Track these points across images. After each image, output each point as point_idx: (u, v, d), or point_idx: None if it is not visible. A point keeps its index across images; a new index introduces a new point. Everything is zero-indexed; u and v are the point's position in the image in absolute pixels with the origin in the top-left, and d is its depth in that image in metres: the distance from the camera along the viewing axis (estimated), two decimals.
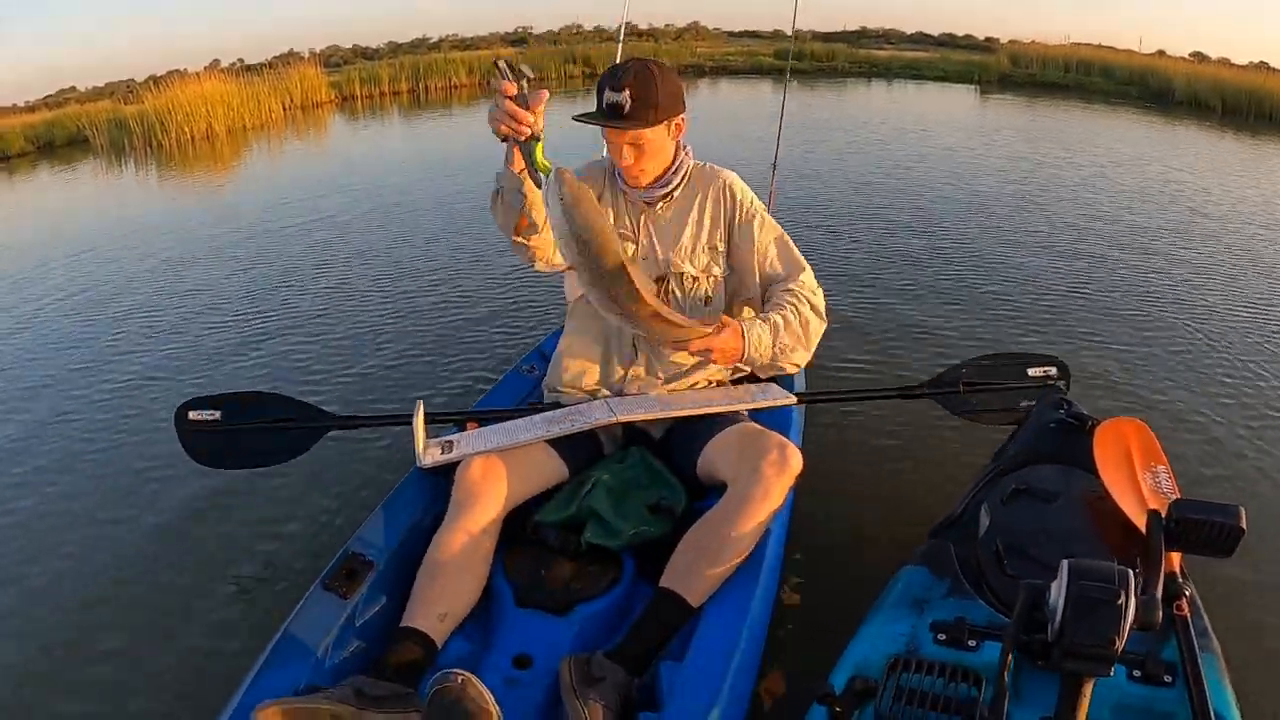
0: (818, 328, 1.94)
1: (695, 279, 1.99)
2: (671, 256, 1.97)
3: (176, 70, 14.43)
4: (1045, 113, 12.71)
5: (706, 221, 1.99)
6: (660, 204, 1.97)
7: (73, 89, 20.33)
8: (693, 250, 1.98)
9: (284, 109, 14.47)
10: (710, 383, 2.07)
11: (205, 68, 15.53)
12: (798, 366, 1.98)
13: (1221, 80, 13.58)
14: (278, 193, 7.82)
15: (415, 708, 1.35)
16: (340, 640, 1.53)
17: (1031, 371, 2.31)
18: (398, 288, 4.69)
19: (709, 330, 1.79)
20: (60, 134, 13.37)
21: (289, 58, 19.21)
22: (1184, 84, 13.93)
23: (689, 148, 1.98)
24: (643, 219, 1.99)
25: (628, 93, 1.77)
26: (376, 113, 15.12)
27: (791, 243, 2.00)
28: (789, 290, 1.93)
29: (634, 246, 1.98)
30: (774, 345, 1.86)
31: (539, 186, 1.64)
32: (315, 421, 2.26)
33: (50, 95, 19.62)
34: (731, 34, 25.05)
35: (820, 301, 1.95)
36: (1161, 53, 18.49)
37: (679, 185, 1.96)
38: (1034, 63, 17.30)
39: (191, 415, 2.24)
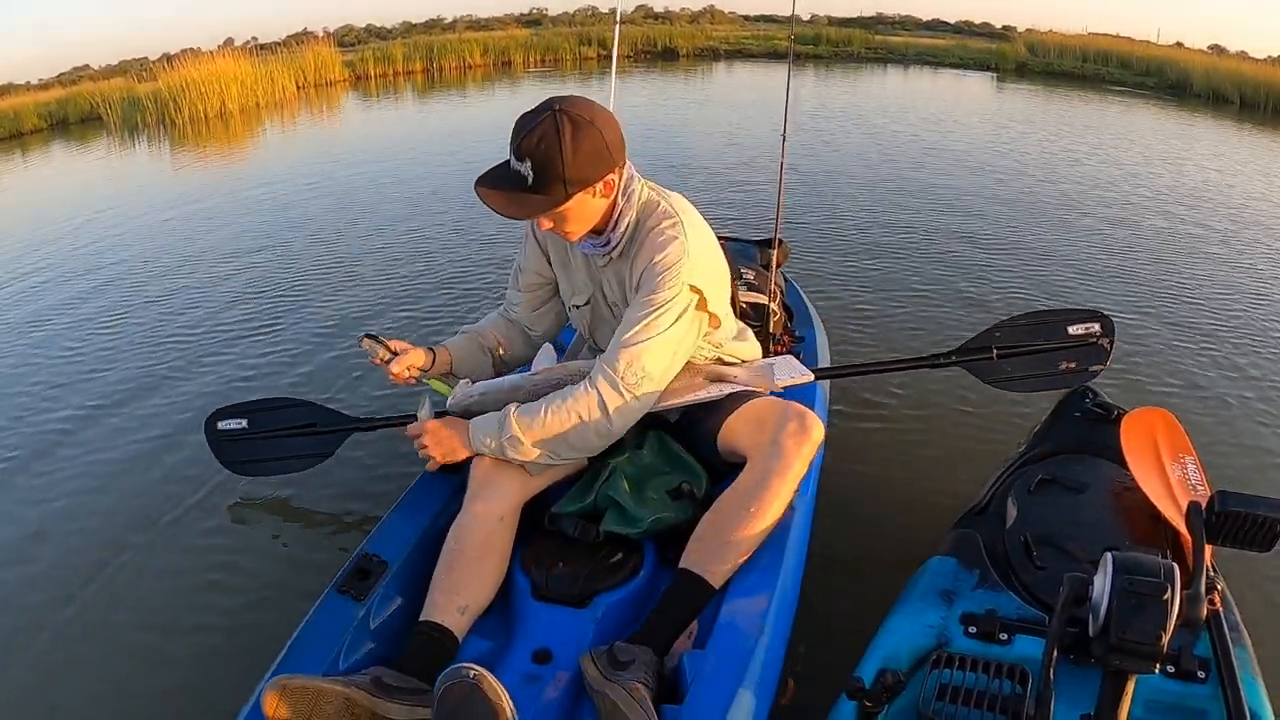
0: (591, 429, 1.64)
1: None
2: None
3: (190, 49, 14.34)
4: (1065, 102, 12.58)
5: None
6: (607, 261, 1.76)
7: (87, 67, 20.36)
8: None
9: (298, 88, 14.46)
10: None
11: (219, 46, 15.58)
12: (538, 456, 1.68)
13: (1240, 73, 13.39)
14: (289, 176, 7.77)
15: (430, 704, 1.31)
16: (354, 643, 1.50)
17: (1072, 329, 2.11)
18: (410, 281, 4.59)
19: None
20: (74, 111, 13.41)
21: (303, 37, 19.14)
22: (1202, 76, 13.74)
23: (634, 189, 1.68)
24: (602, 273, 1.81)
25: (529, 163, 1.52)
26: (390, 92, 15.05)
27: (665, 318, 1.63)
28: (599, 368, 1.66)
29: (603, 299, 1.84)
30: (500, 439, 1.65)
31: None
32: (338, 426, 2.28)
33: (64, 73, 19.67)
34: (747, 18, 24.91)
35: (617, 398, 1.63)
36: (1179, 44, 18.37)
37: (619, 244, 1.71)
38: (1051, 52, 17.11)
39: (220, 425, 2.32)
